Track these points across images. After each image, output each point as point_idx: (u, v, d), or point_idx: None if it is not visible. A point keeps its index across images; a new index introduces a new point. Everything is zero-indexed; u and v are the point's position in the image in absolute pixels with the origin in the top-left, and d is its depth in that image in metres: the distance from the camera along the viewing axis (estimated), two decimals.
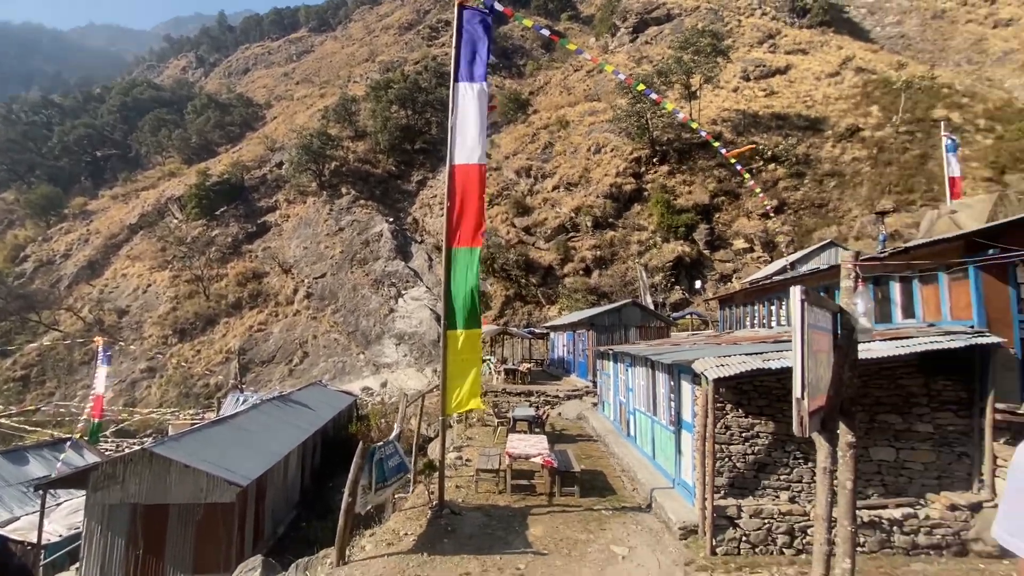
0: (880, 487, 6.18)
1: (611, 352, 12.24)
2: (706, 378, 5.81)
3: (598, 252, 29.39)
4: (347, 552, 6.17)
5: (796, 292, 1.66)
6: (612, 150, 35.03)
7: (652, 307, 23.06)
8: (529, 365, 20.41)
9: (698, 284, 26.70)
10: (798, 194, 29.73)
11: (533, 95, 49.89)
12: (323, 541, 7.96)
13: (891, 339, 6.24)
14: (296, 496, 11.80)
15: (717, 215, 30.01)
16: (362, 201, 38.32)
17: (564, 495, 7.88)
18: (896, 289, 8.20)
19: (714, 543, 5.86)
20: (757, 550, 5.90)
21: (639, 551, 6.11)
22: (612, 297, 26.47)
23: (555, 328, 23.89)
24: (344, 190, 39.45)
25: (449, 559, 5.92)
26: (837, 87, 37.27)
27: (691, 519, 6.35)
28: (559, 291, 28.50)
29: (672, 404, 7.68)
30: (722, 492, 6.12)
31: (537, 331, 26.04)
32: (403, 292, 31.03)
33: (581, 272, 29.01)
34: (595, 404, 15.26)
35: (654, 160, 33.27)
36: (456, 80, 7.31)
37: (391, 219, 36.64)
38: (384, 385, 24.77)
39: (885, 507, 5.98)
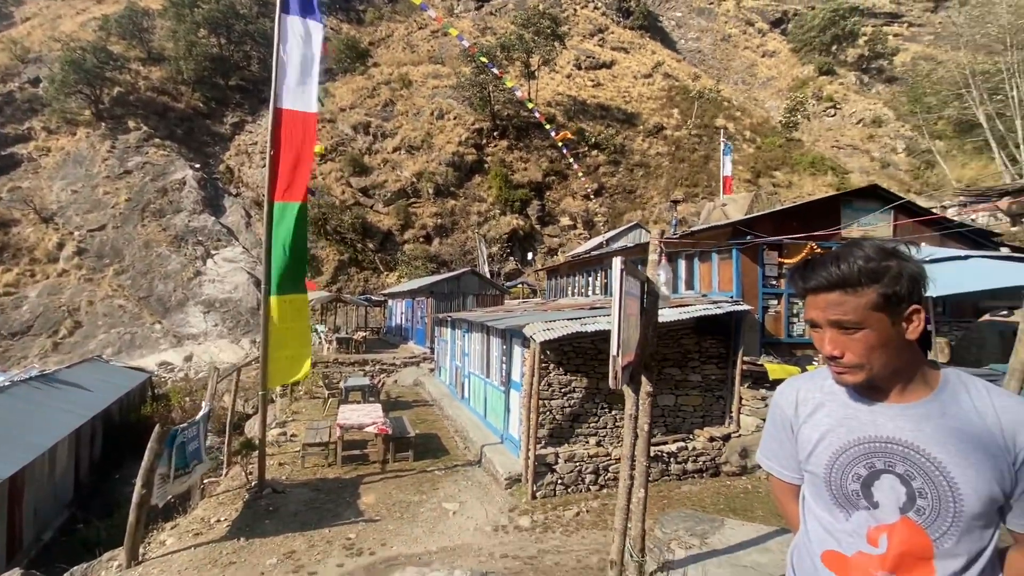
0: (663, 427, 7.53)
1: (449, 319, 12.47)
2: (534, 341, 6.31)
3: (439, 220, 29.36)
4: (141, 550, 5.33)
5: (617, 262, 1.88)
6: (455, 118, 34.85)
7: (489, 276, 24.03)
8: (364, 334, 19.70)
9: (530, 256, 28.61)
10: (614, 180, 33.52)
11: (373, 46, 46.53)
12: (109, 542, 6.73)
13: (676, 307, 7.54)
14: (68, 494, 9.71)
15: (548, 193, 32.25)
16: (158, 140, 31.61)
17: (398, 460, 7.93)
18: (682, 266, 9.88)
19: (534, 488, 6.53)
20: (570, 490, 6.75)
21: (469, 504, 6.49)
22: (452, 265, 26.83)
23: (394, 295, 23.38)
24: (132, 124, 32.02)
25: (271, 540, 5.54)
26: (649, 88, 42.47)
27: (516, 470, 6.94)
28: (399, 258, 27.83)
29: (504, 366, 8.20)
30: (543, 442, 6.81)
31: (374, 298, 25.16)
32: (213, 252, 26.87)
33: (422, 239, 28.71)
34: (432, 370, 15.48)
35: (495, 134, 34.10)
36: (284, 11, 6.42)
37: (197, 165, 31.02)
38: (189, 359, 21.50)
39: (666, 443, 7.32)
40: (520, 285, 26.64)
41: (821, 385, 1.08)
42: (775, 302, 8.57)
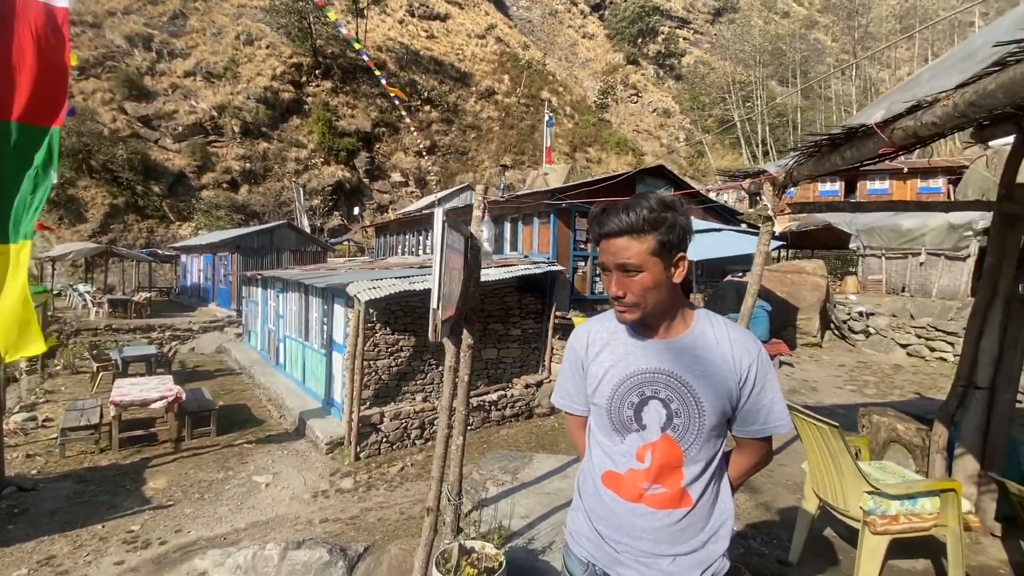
0: (486, 379, 8.01)
1: (260, 277, 11.16)
2: (359, 300, 6.05)
3: (248, 164, 25.60)
4: None
5: (439, 213, 1.88)
6: (268, 47, 30.28)
7: (309, 231, 22.03)
8: (149, 295, 16.46)
9: (356, 211, 26.95)
10: (447, 139, 33.27)
11: None
12: None
13: (501, 266, 7.95)
14: None
15: (378, 145, 30.55)
16: None
17: (197, 437, 6.99)
18: (507, 228, 10.41)
19: (358, 449, 6.42)
20: (395, 447, 6.80)
21: (285, 475, 6.09)
22: (264, 218, 23.87)
23: (189, 250, 19.89)
24: None
25: (18, 548, 4.45)
26: (482, 49, 42.60)
27: (339, 433, 6.71)
28: (195, 206, 23.63)
29: (325, 328, 7.71)
30: (368, 403, 6.68)
31: (163, 253, 21.10)
32: None
33: (226, 185, 24.76)
34: (240, 335, 13.81)
35: (317, 72, 30.66)
36: None
37: None
38: None
39: (488, 393, 7.82)
40: (346, 242, 25.08)
41: (607, 326, 1.24)
42: (583, 263, 9.64)
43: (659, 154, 40.82)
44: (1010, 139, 3.01)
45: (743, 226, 11.67)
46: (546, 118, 20.03)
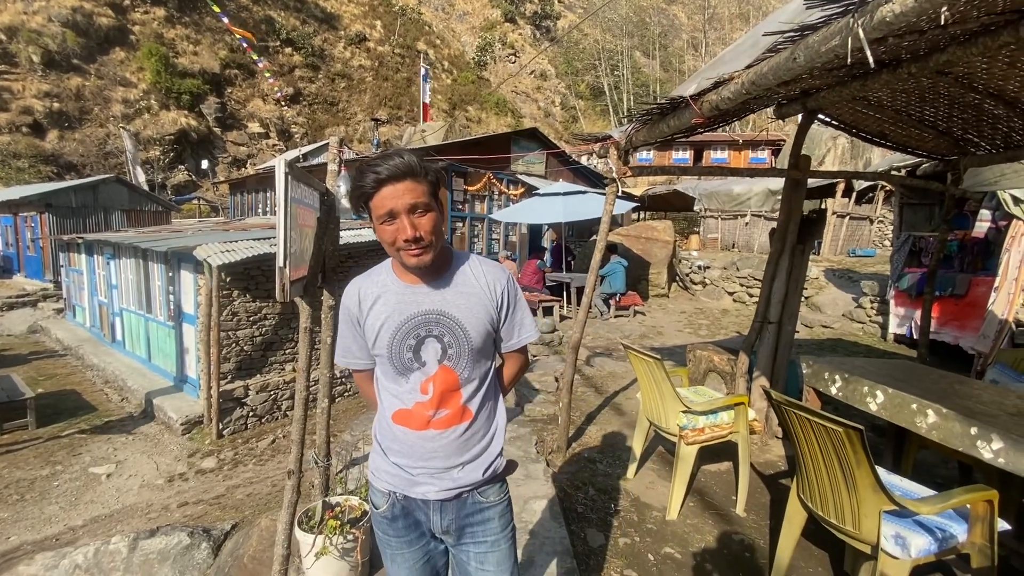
0: None
1: (82, 241, 9.46)
2: (210, 265, 5.48)
3: (56, 104, 20.95)
4: None
5: (280, 165, 1.76)
6: None
7: (147, 188, 18.97)
8: None
9: (205, 164, 23.69)
10: (313, 87, 30.38)
11: None
12: None
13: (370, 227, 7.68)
14: None
15: (230, 90, 26.89)
16: None
17: (10, 431, 5.93)
18: None
19: (220, 427, 5.96)
20: (263, 420, 6.43)
21: (130, 462, 5.48)
22: (84, 171, 20.01)
23: None
24: None
25: None
26: None
27: (197, 412, 6.15)
28: None
29: (171, 298, 6.87)
30: (230, 377, 6.18)
31: None
32: None
33: (26, 129, 20.08)
34: (60, 311, 11.70)
35: None
36: None
37: None
38: None
39: None
40: (195, 201, 22.08)
41: (375, 281, 1.33)
42: (461, 224, 9.68)
43: (537, 117, 41.59)
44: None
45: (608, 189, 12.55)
46: (422, 71, 19.22)
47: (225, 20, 8.33)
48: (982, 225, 6.66)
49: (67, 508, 4.67)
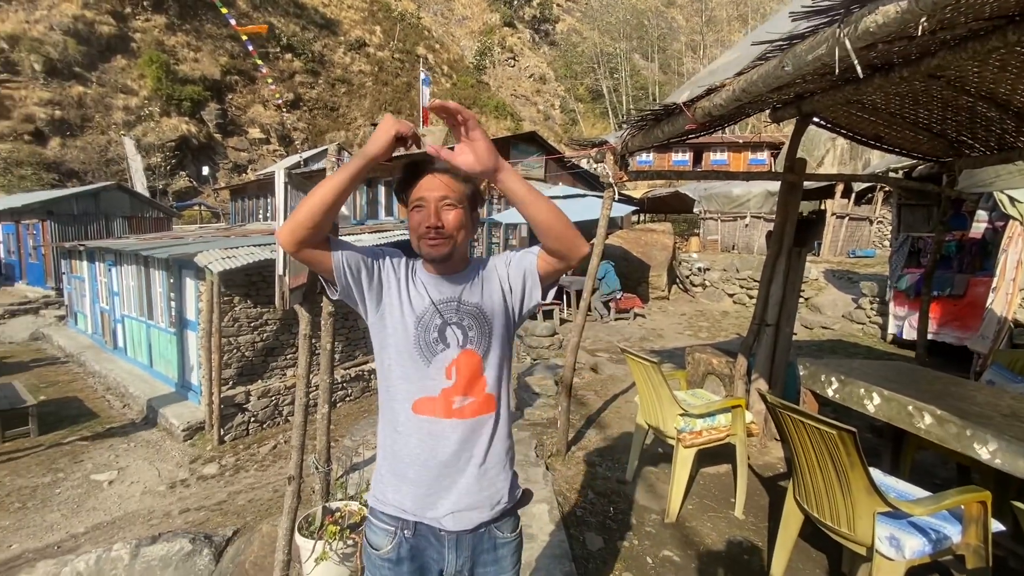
0: (365, 348, 7.85)
1: (84, 249, 9.52)
2: (211, 271, 5.51)
3: (59, 112, 21.06)
4: None
5: (280, 173, 1.79)
6: None
7: (149, 194, 19.07)
8: None
9: (206, 170, 23.78)
10: (313, 92, 30.52)
11: None
12: None
13: (375, 231, 7.72)
14: None
15: (231, 96, 27.02)
16: None
17: (12, 439, 5.96)
18: (382, 192, 10.05)
19: (221, 432, 5.98)
20: (265, 426, 6.45)
21: (132, 469, 5.50)
22: (86, 178, 20.11)
23: None
24: None
25: None
26: None
27: (198, 418, 6.17)
28: None
29: (173, 304, 6.91)
30: (231, 383, 6.21)
31: None
32: None
33: (28, 137, 20.19)
34: (62, 318, 11.75)
35: (145, 3, 25.84)
36: None
37: None
38: None
39: (368, 362, 7.69)
40: (197, 207, 22.17)
41: (408, 263, 1.39)
42: None
43: (536, 120, 41.69)
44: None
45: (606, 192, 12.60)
46: (422, 76, 19.29)
47: (233, 23, 8.41)
48: (979, 226, 6.68)
49: (69, 515, 4.69)
